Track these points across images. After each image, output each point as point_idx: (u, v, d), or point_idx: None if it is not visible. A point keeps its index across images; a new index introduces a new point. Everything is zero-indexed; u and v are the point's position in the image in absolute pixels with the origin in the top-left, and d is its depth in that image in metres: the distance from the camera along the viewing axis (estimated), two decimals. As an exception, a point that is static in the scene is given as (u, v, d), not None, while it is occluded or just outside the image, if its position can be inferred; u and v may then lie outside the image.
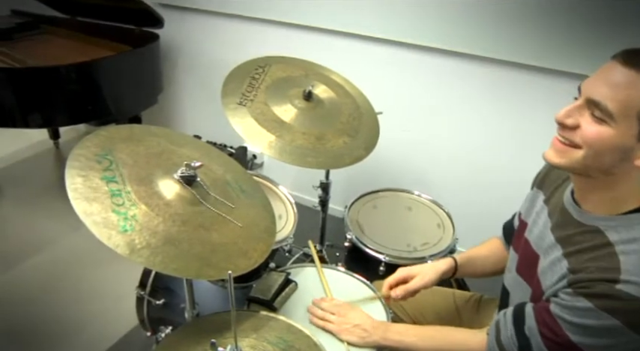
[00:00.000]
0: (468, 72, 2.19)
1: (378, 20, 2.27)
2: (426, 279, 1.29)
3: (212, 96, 2.98)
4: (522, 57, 2.03)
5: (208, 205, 1.11)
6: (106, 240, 0.95)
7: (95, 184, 1.03)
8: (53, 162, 3.51)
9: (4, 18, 3.12)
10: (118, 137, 1.17)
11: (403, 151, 2.49)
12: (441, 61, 2.23)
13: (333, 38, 2.44)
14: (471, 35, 2.09)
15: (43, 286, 2.35)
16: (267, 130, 1.55)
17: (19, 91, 2.33)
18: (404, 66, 2.34)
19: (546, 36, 1.94)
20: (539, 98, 2.09)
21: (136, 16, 2.77)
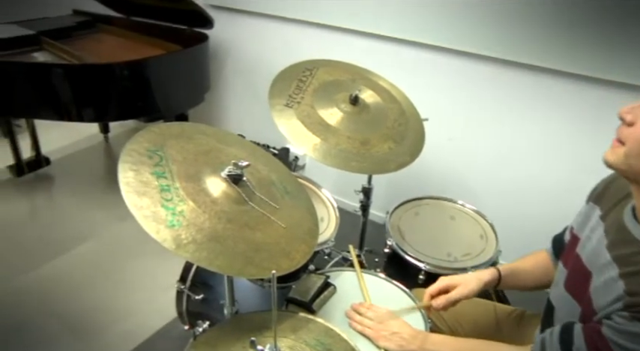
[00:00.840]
0: (518, 81, 2.15)
1: (428, 26, 2.25)
2: (468, 289, 1.26)
3: (257, 96, 3.03)
4: (574, 66, 1.97)
5: (253, 205, 1.12)
6: (154, 234, 0.96)
7: (146, 179, 1.05)
8: (102, 155, 3.64)
9: (66, 17, 3.26)
10: (169, 134, 1.20)
11: (448, 159, 2.46)
12: (490, 69, 2.19)
13: (382, 43, 2.43)
14: (521, 43, 2.05)
15: (89, 273, 2.43)
16: (312, 133, 1.55)
17: (76, 86, 2.43)
18: (451, 73, 2.31)
19: (599, 46, 1.88)
20: (589, 109, 2.02)
21: (187, 17, 2.84)
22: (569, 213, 1.19)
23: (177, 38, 2.86)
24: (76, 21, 3.21)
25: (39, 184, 3.19)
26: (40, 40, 2.89)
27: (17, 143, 3.09)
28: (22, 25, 2.98)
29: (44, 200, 3.09)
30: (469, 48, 2.19)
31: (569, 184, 2.16)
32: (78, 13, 3.37)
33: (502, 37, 2.09)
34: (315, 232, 1.22)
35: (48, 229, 2.75)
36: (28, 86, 2.41)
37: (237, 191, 1.11)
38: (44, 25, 3.04)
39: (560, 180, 2.19)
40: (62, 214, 2.90)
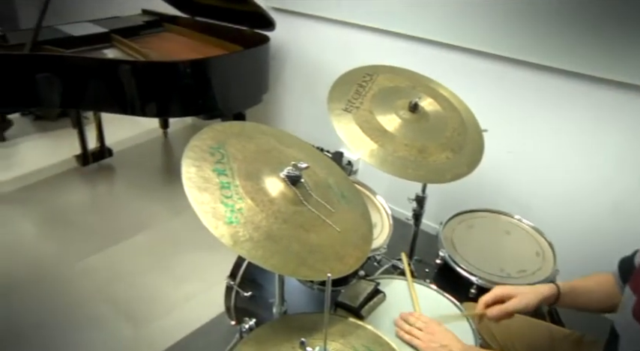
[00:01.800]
0: (583, 93, 2.06)
1: (493, 36, 2.20)
2: (525, 301, 1.21)
3: (315, 99, 3.05)
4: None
5: (310, 207, 1.13)
6: (213, 229, 0.99)
7: (207, 175, 1.08)
8: (161, 150, 3.77)
9: (136, 16, 3.41)
10: (231, 132, 1.23)
11: (506, 172, 2.39)
12: (554, 81, 2.12)
13: (444, 51, 2.40)
14: (590, 55, 1.97)
15: (144, 262, 2.52)
16: (370, 138, 1.55)
17: (142, 82, 2.52)
18: (514, 84, 2.24)
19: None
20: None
21: (250, 18, 2.90)
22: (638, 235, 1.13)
23: (238, 39, 2.93)
24: (145, 20, 3.35)
25: (101, 173, 3.35)
26: (111, 37, 3.03)
27: (84, 134, 3.25)
28: (95, 24, 3.14)
29: (105, 189, 3.23)
30: (534, 58, 2.12)
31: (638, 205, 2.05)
32: (146, 12, 3.51)
33: (569, 49, 2.02)
34: (369, 238, 1.22)
35: (107, 217, 2.88)
36: (97, 81, 2.53)
37: (294, 192, 1.12)
38: (115, 23, 3.19)
39: (629, 200, 2.08)
40: (121, 204, 3.03)
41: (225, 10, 3.02)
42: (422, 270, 1.96)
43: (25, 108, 3.44)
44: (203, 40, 3.10)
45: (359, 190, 1.71)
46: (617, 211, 2.12)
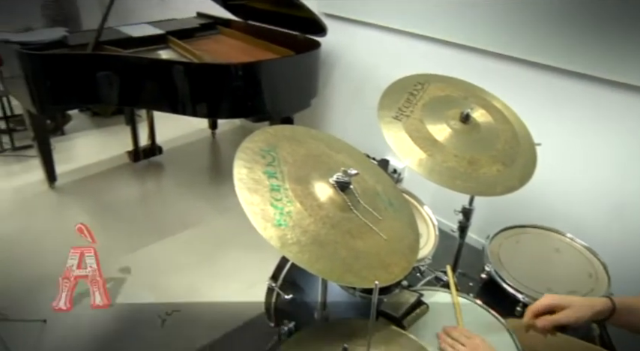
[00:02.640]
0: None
1: (546, 45, 2.14)
2: (578, 314, 1.13)
3: (363, 106, 3.06)
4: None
5: (357, 213, 1.13)
6: (261, 230, 1.00)
7: (258, 177, 1.10)
8: (209, 150, 3.86)
9: (191, 19, 3.52)
10: (282, 135, 1.25)
11: (559, 188, 2.31)
12: (613, 94, 2.04)
13: (497, 61, 2.35)
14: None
15: (188, 258, 2.58)
16: (419, 148, 1.54)
17: (194, 83, 2.59)
18: (572, 98, 2.17)
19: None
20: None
21: (302, 24, 2.94)
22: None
23: (290, 43, 2.97)
24: (199, 23, 3.45)
25: (151, 170, 3.46)
26: (167, 39, 3.13)
27: (137, 132, 3.37)
28: (153, 25, 3.25)
29: (154, 186, 3.33)
30: (593, 71, 2.05)
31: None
32: (201, 15, 3.61)
33: (629, 62, 1.94)
34: (415, 248, 1.20)
35: (154, 213, 2.97)
36: (152, 80, 2.62)
37: (343, 198, 1.12)
38: (171, 25, 3.30)
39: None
40: (168, 201, 3.11)
41: (278, 15, 3.07)
42: (466, 284, 1.92)
43: (85, 104, 3.60)
44: (255, 44, 3.16)
45: (406, 199, 1.70)
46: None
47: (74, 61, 2.65)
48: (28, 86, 2.65)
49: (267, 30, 3.21)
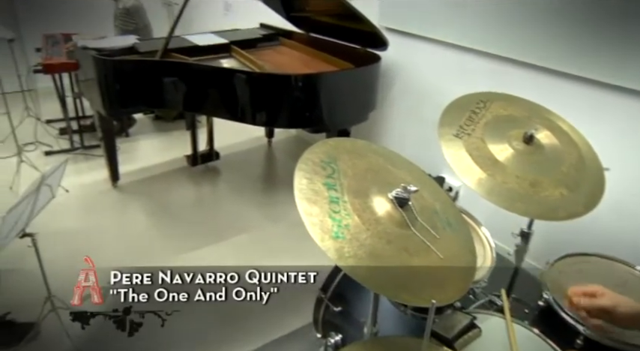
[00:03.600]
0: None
1: (624, 66, 2.05)
2: (616, 301, 1.11)
3: (421, 121, 3.02)
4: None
5: (415, 231, 1.12)
6: (319, 241, 1.01)
7: (317, 188, 1.11)
8: (264, 158, 3.93)
9: (253, 30, 3.61)
10: (343, 148, 1.26)
11: (628, 216, 2.20)
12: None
13: (564, 81, 2.27)
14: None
15: (236, 264, 2.62)
16: (479, 167, 1.51)
17: (255, 92, 2.66)
18: None
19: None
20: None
21: (363, 37, 2.95)
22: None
23: (350, 56, 2.99)
24: (262, 33, 3.53)
25: (207, 175, 3.56)
26: (230, 48, 3.22)
27: (196, 137, 3.48)
28: (217, 35, 3.36)
29: (209, 190, 3.43)
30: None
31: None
32: (264, 26, 3.70)
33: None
34: (472, 270, 1.18)
35: (208, 217, 3.05)
36: (215, 87, 2.70)
37: (401, 214, 1.11)
38: (235, 35, 3.40)
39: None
40: (222, 206, 3.19)
41: (340, 28, 3.10)
42: (521, 310, 1.85)
43: (151, 108, 3.76)
44: (316, 56, 3.20)
45: (464, 219, 1.67)
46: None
47: (143, 67, 2.78)
48: (100, 89, 2.80)
49: (328, 42, 3.25)
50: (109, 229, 2.88)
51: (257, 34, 3.52)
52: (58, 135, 3.98)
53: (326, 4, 3.02)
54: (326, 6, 3.05)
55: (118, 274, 1.52)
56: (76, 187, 3.25)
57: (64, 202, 3.03)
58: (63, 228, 2.80)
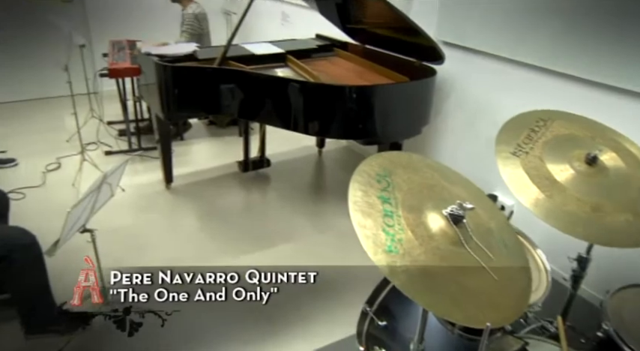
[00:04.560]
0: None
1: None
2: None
3: (475, 137, 2.97)
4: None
5: (469, 249, 1.10)
6: (372, 255, 1.01)
7: (372, 201, 1.11)
8: (314, 167, 3.95)
9: (309, 40, 3.66)
10: (398, 162, 1.25)
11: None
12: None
13: (632, 100, 2.18)
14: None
15: (282, 271, 2.64)
16: (537, 187, 1.46)
17: (309, 101, 2.68)
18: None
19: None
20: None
21: (419, 51, 2.93)
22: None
23: (406, 69, 2.97)
24: (317, 44, 3.57)
25: (258, 181, 3.61)
26: (286, 57, 3.27)
27: (249, 143, 3.55)
28: (274, 44, 3.42)
29: (259, 196, 3.48)
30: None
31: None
32: (320, 37, 3.74)
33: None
34: (527, 293, 1.14)
35: (257, 223, 3.09)
36: (270, 96, 2.75)
37: (455, 232, 1.09)
38: (291, 45, 3.45)
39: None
40: (271, 213, 3.23)
41: (396, 41, 3.09)
42: (576, 339, 1.77)
43: (207, 114, 3.87)
44: (370, 68, 3.20)
45: (520, 240, 1.62)
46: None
47: (201, 74, 2.86)
48: (160, 93, 2.91)
49: (383, 55, 3.25)
50: (160, 229, 2.97)
51: (313, 44, 3.56)
52: (117, 136, 4.16)
53: (383, 17, 3.02)
54: (383, 18, 3.05)
55: (118, 274, 1.58)
56: (132, 186, 3.37)
57: (119, 201, 3.15)
58: (118, 225, 2.90)
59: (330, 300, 2.44)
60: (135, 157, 3.82)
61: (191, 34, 3.99)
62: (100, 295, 2.34)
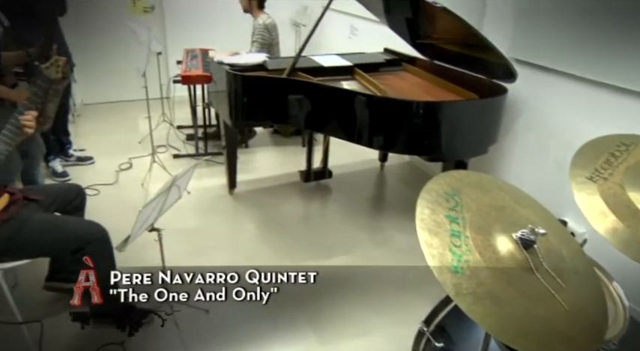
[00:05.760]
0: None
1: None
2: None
3: (545, 159, 2.86)
4: None
5: (538, 275, 1.05)
6: (437, 274, 0.99)
7: (439, 220, 1.09)
8: (375, 181, 3.94)
9: (377, 54, 3.67)
10: (468, 181, 1.23)
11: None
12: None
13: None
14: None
15: (340, 284, 2.63)
16: (615, 215, 1.38)
17: (375, 115, 2.68)
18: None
19: None
20: None
21: (490, 68, 2.86)
22: None
23: (475, 87, 2.90)
24: (385, 58, 3.57)
25: (319, 192, 3.64)
26: (353, 70, 3.29)
27: (312, 154, 3.59)
28: (342, 57, 3.45)
29: (319, 207, 3.51)
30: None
31: None
32: (388, 51, 3.74)
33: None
34: (601, 327, 1.08)
35: (316, 234, 3.11)
36: (336, 108, 2.77)
37: (525, 257, 1.06)
38: (359, 58, 3.47)
39: None
40: (330, 224, 3.24)
41: (466, 57, 3.03)
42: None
43: (274, 123, 3.96)
44: (438, 84, 3.17)
45: (594, 270, 1.54)
46: None
47: (271, 84, 2.93)
48: (230, 101, 3.01)
49: (452, 71, 3.20)
50: (221, 232, 3.05)
51: (380, 58, 3.57)
52: (185, 140, 4.33)
53: (454, 33, 2.98)
54: (454, 34, 3.01)
55: (118, 274, 1.61)
56: (197, 189, 3.49)
57: (184, 203, 3.26)
58: (181, 226, 3.01)
59: (379, 316, 2.42)
60: (201, 161, 3.96)
61: (261, 43, 4.09)
62: (100, 295, 2.36)
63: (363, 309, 2.47)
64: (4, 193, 2.00)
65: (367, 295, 2.57)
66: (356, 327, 2.35)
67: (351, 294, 2.57)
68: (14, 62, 2.88)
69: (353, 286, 2.62)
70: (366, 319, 2.40)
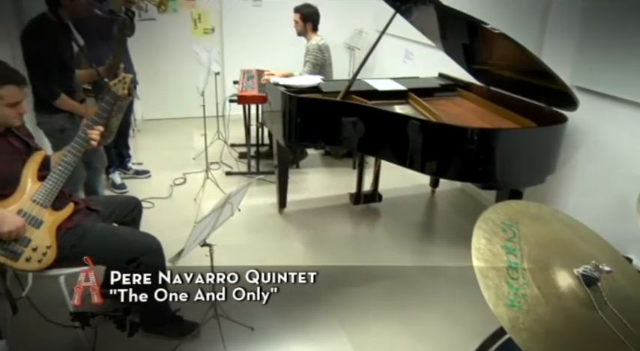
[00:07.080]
0: None
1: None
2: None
3: (607, 192, 2.73)
4: None
5: (603, 316, 1.00)
6: (492, 306, 0.96)
7: (496, 250, 1.06)
8: (425, 207, 3.89)
9: (432, 79, 3.65)
10: (526, 212, 1.19)
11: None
12: None
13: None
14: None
15: (384, 306, 2.59)
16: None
17: (428, 140, 2.65)
18: None
19: None
20: None
21: (549, 95, 2.78)
22: None
23: (532, 114, 2.83)
24: (440, 83, 3.54)
25: (368, 215, 3.62)
26: (407, 95, 3.28)
27: (362, 177, 3.58)
28: (396, 81, 3.45)
29: (367, 230, 3.48)
30: None
31: None
32: (443, 76, 3.71)
33: None
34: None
35: (362, 257, 3.08)
36: (390, 132, 2.77)
37: (587, 294, 1.01)
38: (413, 83, 3.46)
39: None
40: (377, 248, 3.21)
41: (523, 84, 2.97)
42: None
43: (327, 145, 4.00)
44: (494, 110, 3.10)
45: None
46: None
47: (325, 106, 2.97)
48: (283, 122, 3.07)
49: (508, 97, 3.13)
50: (269, 251, 3.08)
51: (435, 83, 3.55)
52: (238, 158, 4.43)
53: (512, 59, 2.92)
54: (512, 60, 2.96)
55: (118, 274, 1.63)
56: (247, 207, 3.54)
57: (235, 220, 3.32)
58: (231, 242, 3.05)
59: (426, 343, 2.36)
60: (252, 179, 4.04)
61: (314, 64, 4.16)
62: (100, 295, 2.37)
63: (407, 336, 2.41)
64: (70, 202, 2.10)
65: (411, 321, 2.52)
66: (400, 345, 2.30)
67: (395, 319, 2.53)
68: (86, 80, 3.06)
69: (396, 312, 2.57)
70: (411, 347, 2.34)
